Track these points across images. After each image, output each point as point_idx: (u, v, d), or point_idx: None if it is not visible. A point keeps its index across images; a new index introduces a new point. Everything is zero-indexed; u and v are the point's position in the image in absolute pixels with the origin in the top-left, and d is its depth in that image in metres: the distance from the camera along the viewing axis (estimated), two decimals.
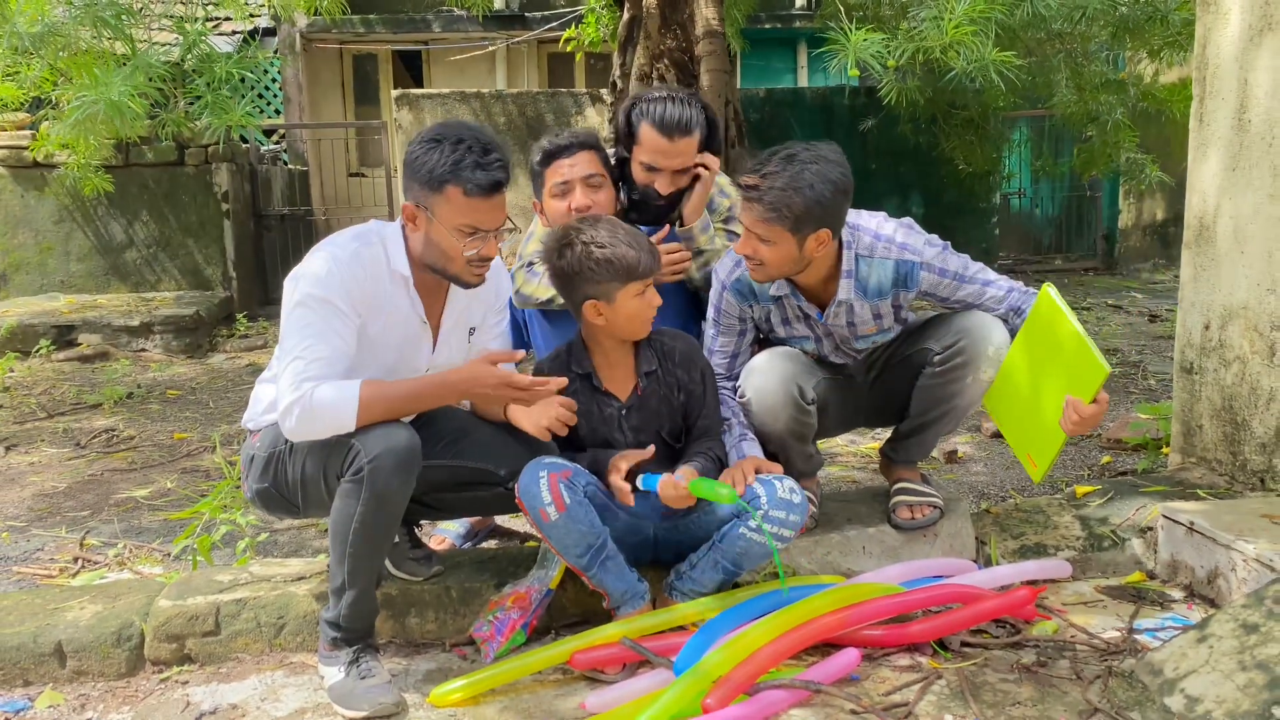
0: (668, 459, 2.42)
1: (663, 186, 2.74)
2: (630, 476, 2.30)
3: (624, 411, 2.41)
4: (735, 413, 2.54)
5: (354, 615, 2.19)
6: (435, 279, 2.28)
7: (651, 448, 2.34)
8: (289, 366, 2.10)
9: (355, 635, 2.20)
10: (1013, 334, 2.43)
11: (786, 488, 2.29)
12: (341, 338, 2.14)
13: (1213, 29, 2.90)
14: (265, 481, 2.28)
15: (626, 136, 2.79)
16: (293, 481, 2.23)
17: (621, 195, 2.82)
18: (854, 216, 2.47)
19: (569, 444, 2.41)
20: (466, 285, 2.27)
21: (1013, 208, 10.13)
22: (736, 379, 2.57)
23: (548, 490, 2.19)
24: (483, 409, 2.42)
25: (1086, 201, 9.99)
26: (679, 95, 2.74)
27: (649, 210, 2.78)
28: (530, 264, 2.82)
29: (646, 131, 2.70)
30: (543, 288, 2.71)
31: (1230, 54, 2.83)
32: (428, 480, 2.23)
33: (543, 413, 2.26)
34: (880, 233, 2.46)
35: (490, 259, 2.22)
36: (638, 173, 2.76)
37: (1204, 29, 2.94)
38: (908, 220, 2.52)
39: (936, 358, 2.48)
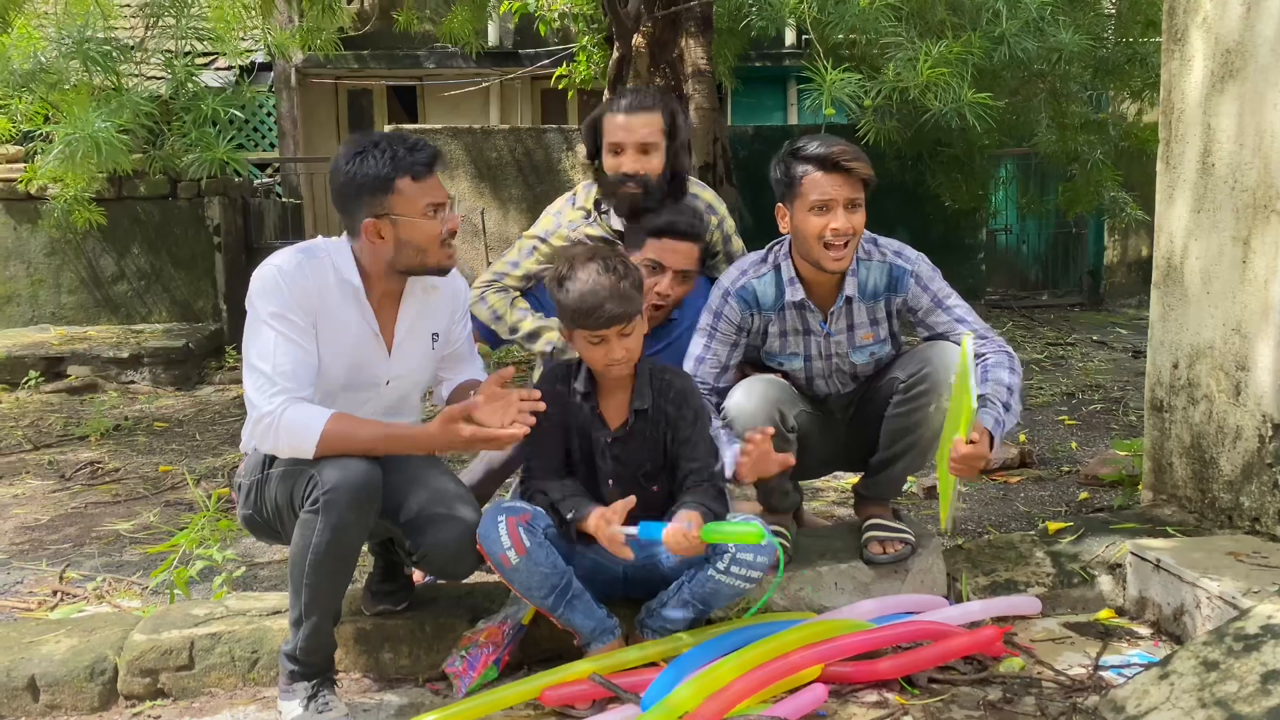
0: (641, 502, 2.33)
1: (628, 164, 2.77)
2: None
3: (609, 440, 2.42)
4: (720, 443, 2.50)
5: (311, 648, 2.20)
6: (388, 288, 2.31)
7: (633, 498, 2.27)
8: (257, 382, 2.15)
9: (313, 669, 2.22)
10: None
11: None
12: (301, 348, 2.19)
13: (1178, 75, 2.96)
14: (249, 508, 2.32)
15: (593, 148, 2.87)
16: (270, 509, 2.26)
17: (607, 226, 2.89)
18: None
19: (561, 458, 2.42)
20: (443, 270, 2.32)
21: (999, 244, 10.20)
22: (721, 395, 2.59)
23: (506, 535, 2.20)
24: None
25: (1072, 238, 10.06)
26: (638, 88, 2.82)
27: (625, 201, 2.80)
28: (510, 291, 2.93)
29: (607, 119, 2.81)
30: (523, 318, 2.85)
31: (1195, 99, 2.89)
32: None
33: (504, 418, 2.19)
34: (877, 239, 2.61)
35: (455, 232, 2.30)
36: (607, 164, 2.82)
37: (1169, 74, 3.00)
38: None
39: (901, 385, 2.54)
